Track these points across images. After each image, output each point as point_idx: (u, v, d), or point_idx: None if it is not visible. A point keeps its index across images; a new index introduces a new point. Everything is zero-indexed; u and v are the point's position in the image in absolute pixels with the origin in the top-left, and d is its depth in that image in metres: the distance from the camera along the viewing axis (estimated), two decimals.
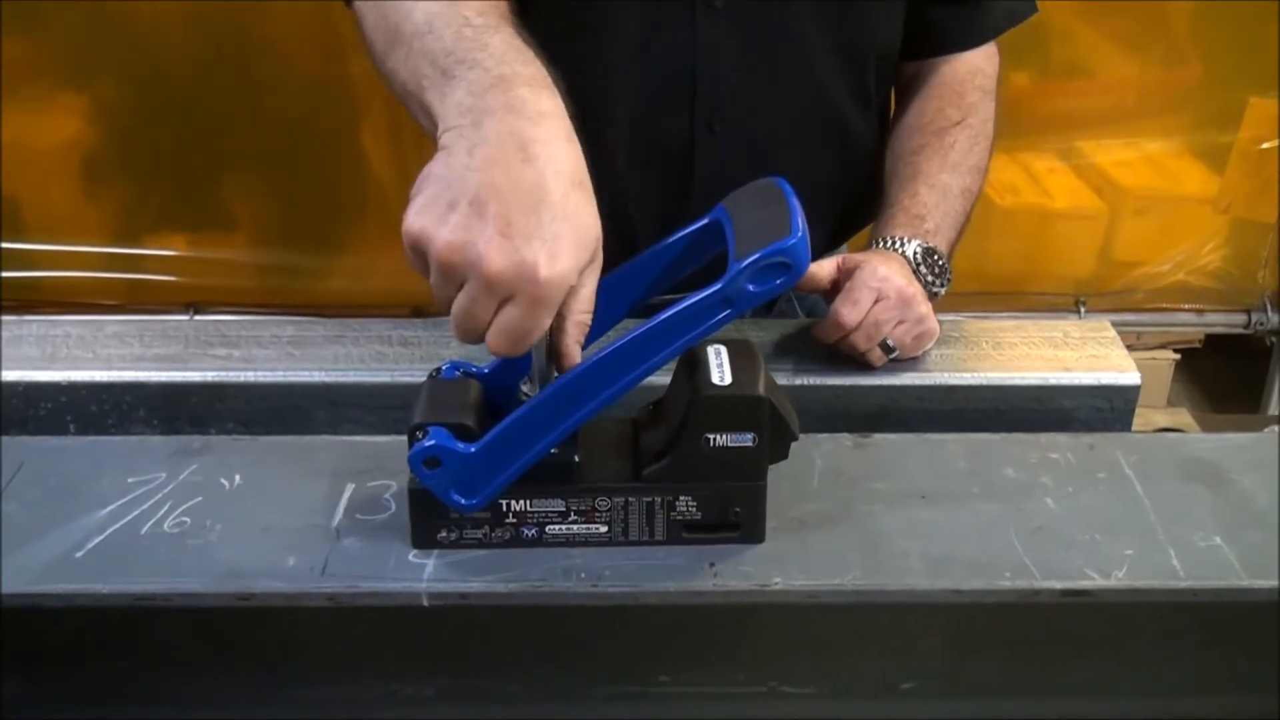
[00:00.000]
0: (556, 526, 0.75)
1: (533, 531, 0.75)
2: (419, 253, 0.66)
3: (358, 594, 0.72)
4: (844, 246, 1.34)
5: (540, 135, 0.66)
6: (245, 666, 0.77)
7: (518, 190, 0.63)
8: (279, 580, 0.72)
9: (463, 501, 0.73)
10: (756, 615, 0.75)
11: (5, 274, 2.17)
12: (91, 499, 0.79)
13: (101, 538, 0.76)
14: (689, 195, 0.83)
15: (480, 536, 0.75)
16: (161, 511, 0.78)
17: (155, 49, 2.04)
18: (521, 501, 0.75)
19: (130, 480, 0.81)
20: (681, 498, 0.75)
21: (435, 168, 0.67)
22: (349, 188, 2.19)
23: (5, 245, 2.16)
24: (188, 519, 0.78)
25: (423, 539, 0.75)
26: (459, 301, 0.65)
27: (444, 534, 0.75)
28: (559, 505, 0.75)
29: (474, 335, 0.66)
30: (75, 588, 0.72)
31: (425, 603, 0.72)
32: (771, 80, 1.15)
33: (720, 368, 0.73)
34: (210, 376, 0.99)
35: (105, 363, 1.00)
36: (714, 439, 0.73)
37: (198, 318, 2.20)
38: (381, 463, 0.83)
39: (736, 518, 0.75)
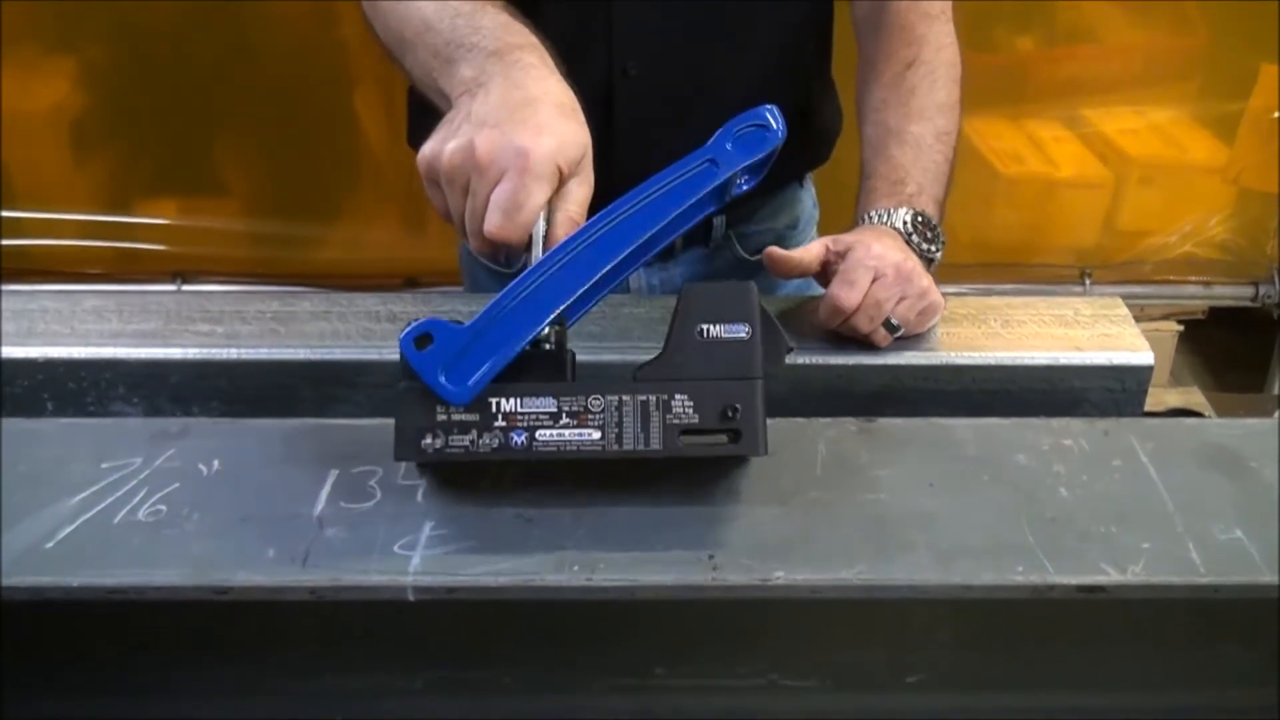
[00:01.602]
0: (547, 432, 0.72)
1: (522, 438, 0.72)
2: (431, 177, 0.76)
3: (340, 588, 0.69)
4: (809, 179, 1.33)
5: (531, 77, 0.78)
6: (227, 657, 0.75)
7: (508, 105, 0.75)
8: (258, 573, 0.70)
9: (451, 388, 0.70)
10: (757, 606, 0.72)
11: None
12: (63, 485, 0.76)
13: (73, 527, 0.73)
14: (611, 145, 0.84)
15: (467, 443, 0.72)
16: (136, 499, 0.75)
17: (145, 11, 2.01)
18: (512, 400, 0.72)
19: (104, 465, 0.78)
20: (678, 396, 0.72)
21: (447, 116, 0.78)
22: (342, 155, 2.18)
23: None
24: (164, 507, 0.75)
25: (407, 446, 0.72)
26: (468, 203, 0.74)
27: (429, 439, 0.72)
28: (550, 405, 0.72)
29: (482, 235, 0.74)
30: (44, 580, 0.69)
31: (411, 597, 0.69)
32: (689, 23, 1.12)
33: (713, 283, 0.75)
34: (192, 354, 0.96)
35: (83, 339, 0.97)
36: (707, 329, 0.72)
37: (181, 289, 2.17)
38: (367, 447, 0.79)
39: (735, 418, 0.72)
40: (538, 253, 0.73)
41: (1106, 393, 0.96)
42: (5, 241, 2.16)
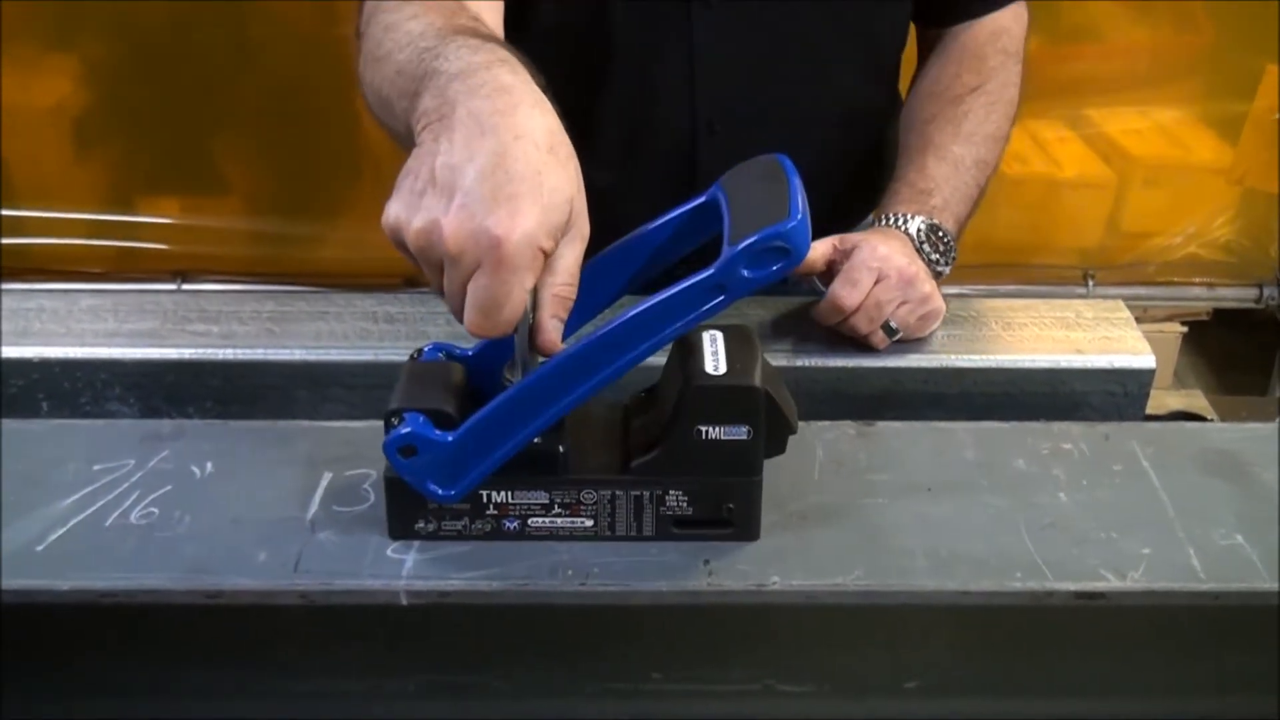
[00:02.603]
0: (540, 519, 0.72)
1: (515, 524, 0.72)
2: (399, 245, 0.65)
3: (332, 592, 0.69)
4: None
5: (499, 107, 0.64)
6: (220, 660, 0.74)
7: (475, 162, 0.62)
8: (249, 577, 0.69)
9: (440, 492, 0.70)
10: (753, 611, 0.72)
11: None
12: (55, 487, 0.76)
13: (64, 530, 0.72)
14: (691, 196, 0.81)
15: (460, 528, 0.72)
16: (128, 501, 0.75)
17: (146, 10, 2.01)
18: (503, 493, 0.71)
19: (96, 468, 0.77)
20: (671, 492, 0.71)
21: (409, 162, 0.66)
22: (343, 154, 2.17)
23: None
24: (156, 509, 0.74)
25: (400, 529, 0.72)
26: (445, 286, 0.64)
27: (422, 524, 0.72)
28: (542, 497, 0.72)
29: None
30: (34, 584, 0.68)
31: (404, 601, 0.69)
32: (773, 74, 1.11)
33: (715, 355, 0.70)
34: (187, 354, 0.96)
35: (79, 338, 0.97)
36: (706, 431, 0.69)
37: (180, 288, 2.17)
38: (361, 450, 0.79)
39: (729, 514, 0.72)
40: (523, 337, 0.67)
41: (1108, 396, 0.95)
42: (6, 240, 2.16)
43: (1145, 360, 0.96)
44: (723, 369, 0.69)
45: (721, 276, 0.63)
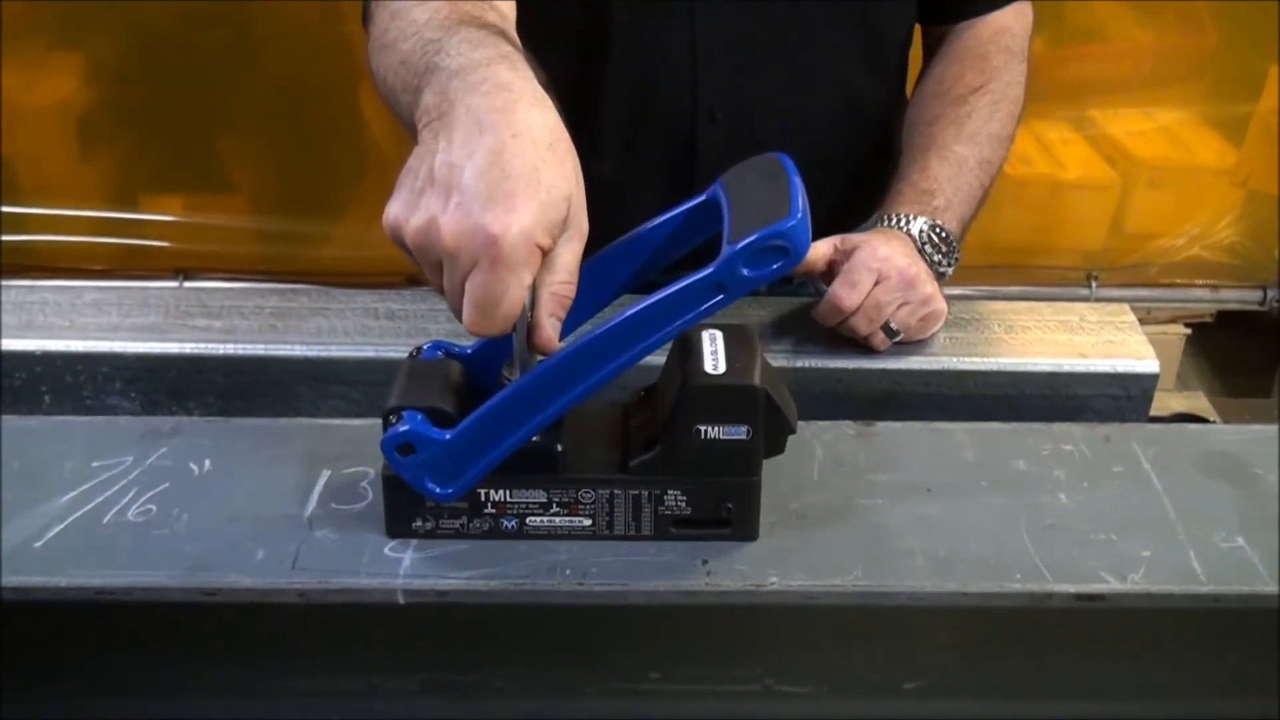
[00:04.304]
0: (538, 519, 0.72)
1: (512, 523, 0.72)
2: (399, 244, 0.65)
3: (329, 590, 0.68)
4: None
5: (498, 104, 0.64)
6: (217, 658, 0.74)
7: (472, 160, 0.62)
8: (247, 574, 0.69)
9: (438, 490, 0.69)
10: (752, 610, 0.71)
11: None
12: (54, 484, 0.76)
13: (62, 526, 0.72)
14: (693, 187, 0.81)
15: (457, 527, 0.72)
16: (126, 498, 0.75)
17: (151, 8, 2.01)
18: (501, 491, 0.71)
19: (95, 464, 0.77)
20: (670, 492, 0.71)
21: (410, 160, 0.66)
22: (347, 152, 2.17)
23: None
24: (154, 507, 0.74)
25: (398, 527, 0.72)
26: (444, 284, 0.64)
27: (419, 523, 0.72)
28: (540, 496, 0.71)
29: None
30: (32, 580, 0.68)
31: (401, 600, 0.69)
32: (774, 62, 1.11)
33: (714, 355, 0.69)
34: (189, 349, 0.96)
35: (82, 332, 0.97)
36: (705, 431, 0.69)
37: (182, 284, 2.17)
38: (359, 447, 0.79)
39: (728, 514, 0.71)
40: (522, 335, 0.66)
41: (1110, 400, 0.95)
42: (10, 237, 2.16)
43: (1149, 364, 0.95)
44: (722, 368, 0.69)
45: (721, 275, 0.63)
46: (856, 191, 1.21)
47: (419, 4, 0.81)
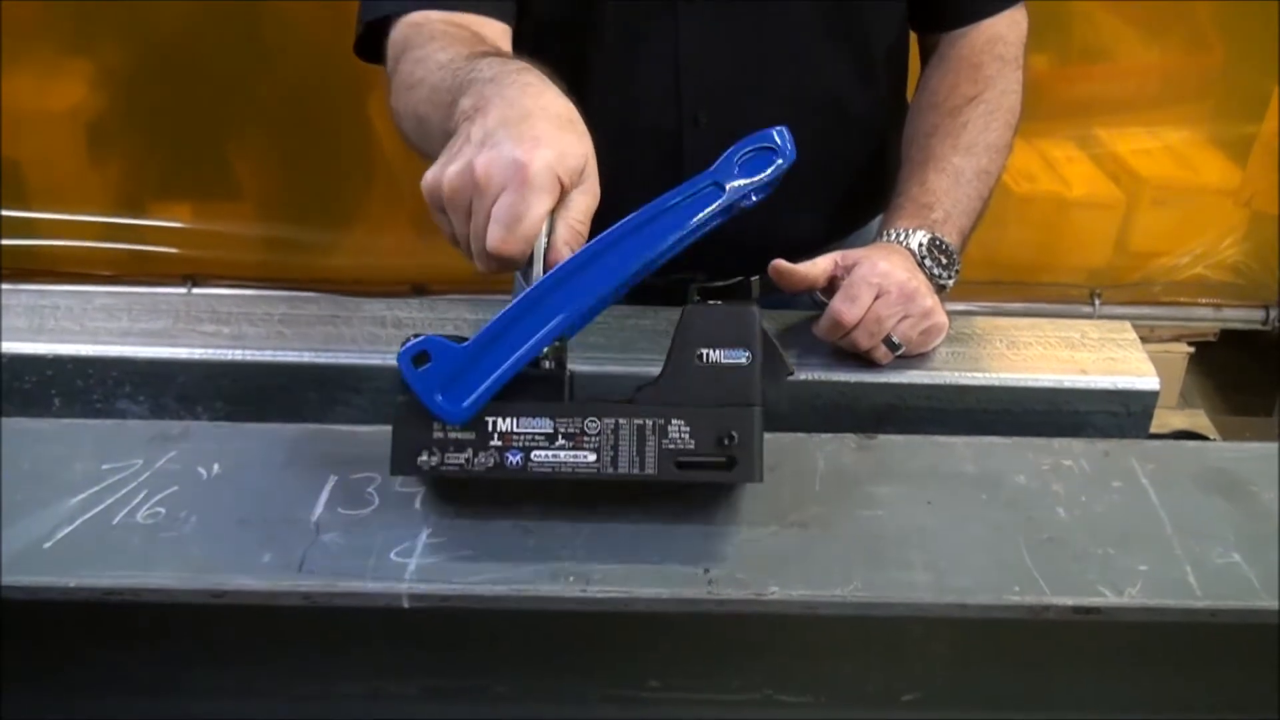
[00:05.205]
0: (543, 452, 0.72)
1: (518, 458, 0.72)
2: (435, 203, 0.74)
3: (335, 593, 0.69)
4: (879, 219, 1.31)
5: (529, 93, 0.76)
6: (223, 660, 0.75)
7: (505, 120, 0.73)
8: (253, 577, 0.70)
9: (448, 407, 0.70)
10: (753, 620, 0.72)
11: (5, 241, 2.15)
12: (64, 486, 0.76)
13: (72, 527, 0.73)
14: None
15: (463, 461, 0.72)
16: (136, 500, 0.75)
17: (161, 15, 2.01)
18: (508, 420, 0.72)
19: (105, 467, 0.78)
20: (674, 422, 0.72)
21: (447, 145, 0.76)
22: (355, 160, 2.18)
23: (6, 213, 2.14)
24: (162, 509, 0.75)
25: (403, 461, 0.72)
26: (471, 224, 0.72)
27: (425, 456, 0.72)
28: (546, 426, 0.72)
29: (485, 254, 0.72)
30: (41, 580, 0.69)
31: (406, 604, 0.69)
32: (759, 68, 1.12)
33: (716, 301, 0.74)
34: (198, 354, 0.97)
35: (92, 336, 0.98)
36: (706, 354, 0.72)
37: (191, 291, 2.18)
38: (367, 453, 0.79)
39: (731, 445, 0.72)
40: (539, 267, 0.72)
41: (1110, 416, 0.95)
42: (18, 241, 2.17)
43: (1149, 382, 0.96)
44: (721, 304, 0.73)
45: (718, 175, 0.72)
46: (850, 197, 1.22)
47: (442, 50, 0.91)
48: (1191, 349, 2.37)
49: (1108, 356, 0.98)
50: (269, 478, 0.78)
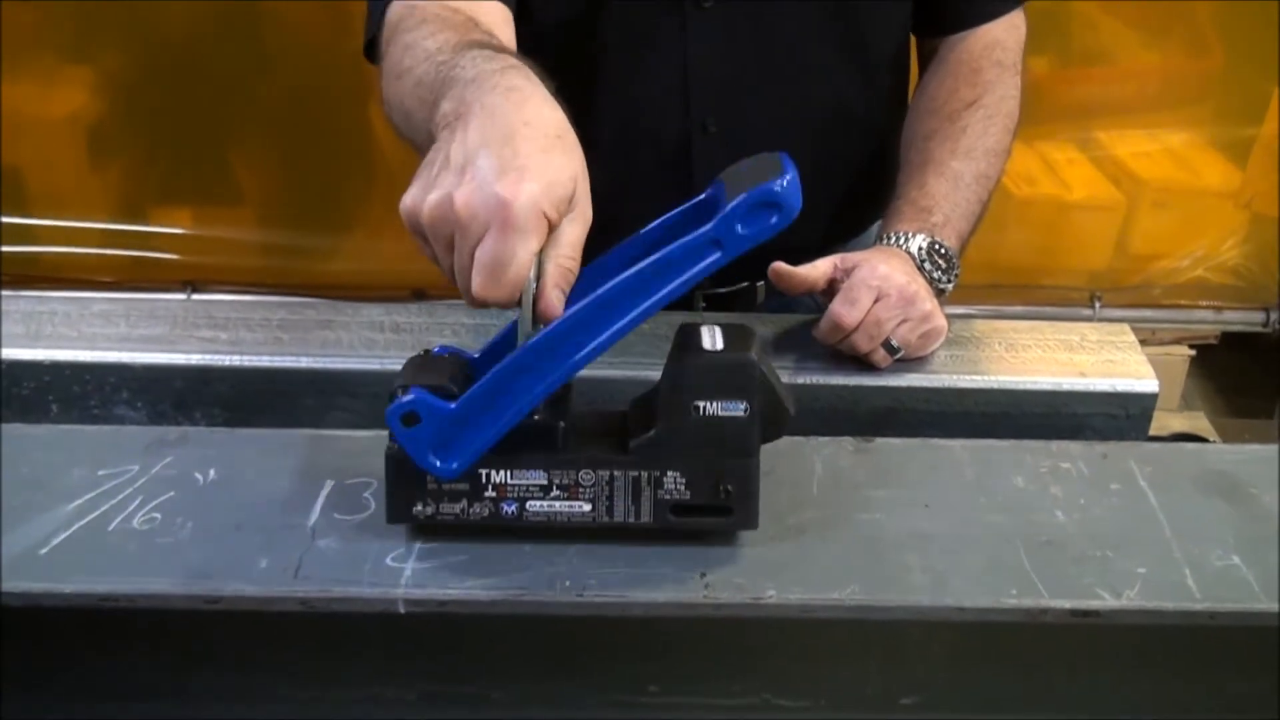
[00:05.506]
0: (538, 503, 0.72)
1: (513, 508, 0.72)
2: (415, 229, 0.69)
3: (331, 599, 0.69)
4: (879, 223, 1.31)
5: (511, 100, 0.70)
6: (220, 666, 0.74)
7: (486, 145, 0.67)
8: (250, 583, 0.70)
9: (440, 465, 0.70)
10: (750, 624, 0.72)
11: (5, 249, 2.15)
12: (60, 492, 0.76)
13: (68, 534, 0.73)
14: (688, 198, 0.83)
15: (458, 511, 0.72)
16: (132, 506, 0.75)
17: (162, 21, 2.02)
18: (502, 473, 0.71)
19: (101, 473, 0.78)
20: (669, 473, 0.71)
21: (427, 155, 0.70)
22: (356, 166, 2.18)
23: (6, 220, 2.14)
24: (158, 515, 0.75)
25: (398, 511, 0.72)
26: (455, 260, 0.67)
27: (420, 507, 0.72)
28: (540, 478, 0.72)
29: (470, 295, 0.68)
30: (37, 587, 0.69)
31: (402, 609, 0.69)
32: (767, 76, 1.12)
33: (712, 340, 0.71)
34: (195, 359, 0.97)
35: (90, 342, 0.98)
36: (703, 406, 0.69)
37: (190, 297, 2.18)
38: (363, 458, 0.79)
39: (727, 497, 0.71)
40: (528, 310, 0.68)
41: (1109, 419, 0.95)
42: (19, 248, 2.17)
43: (1148, 384, 0.96)
44: (720, 348, 0.70)
45: (718, 232, 0.66)
46: (852, 200, 1.22)
47: (430, 36, 0.86)
48: (1192, 352, 2.37)
49: (1106, 359, 0.98)
50: (265, 483, 0.78)
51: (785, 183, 0.66)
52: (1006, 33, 1.17)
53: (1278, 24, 2.02)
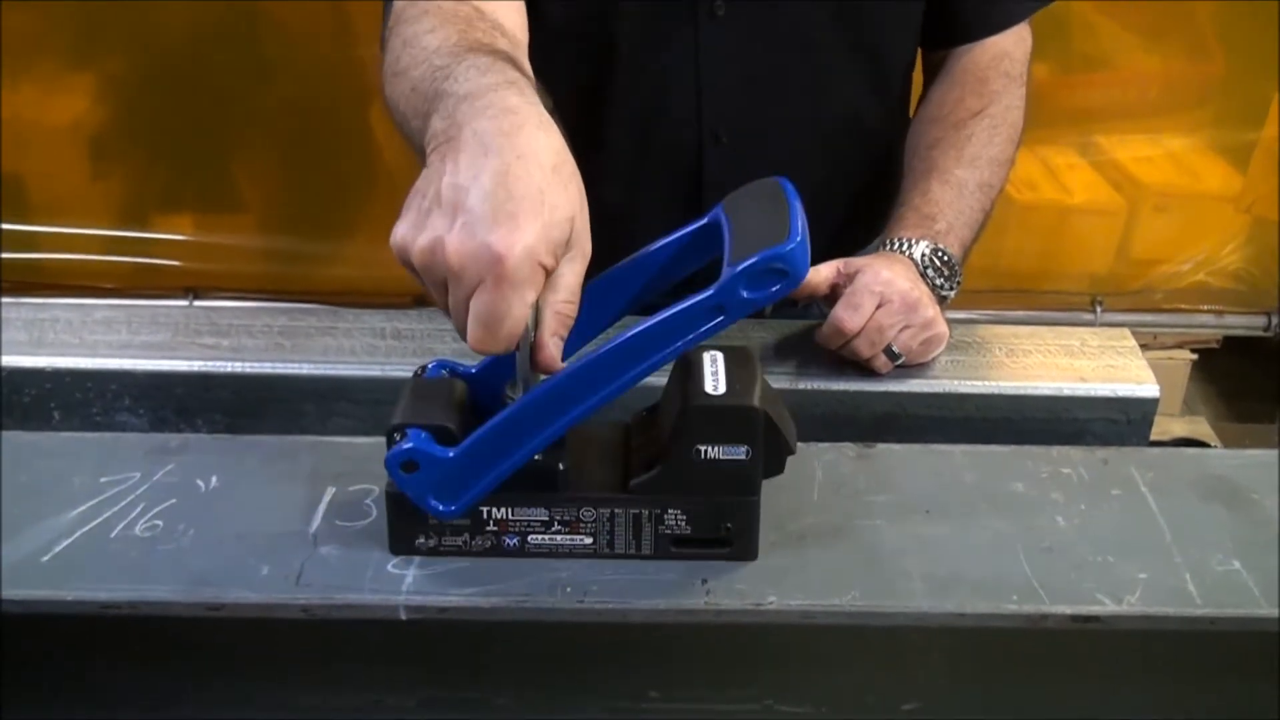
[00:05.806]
0: (539, 537, 0.73)
1: (514, 541, 0.73)
2: (405, 264, 0.66)
3: (333, 606, 0.69)
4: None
5: (504, 127, 0.65)
6: (221, 673, 0.75)
7: (478, 181, 0.63)
8: (251, 590, 0.70)
9: (441, 508, 0.70)
10: (751, 630, 0.72)
11: (6, 255, 2.15)
12: (62, 499, 0.77)
13: (70, 541, 0.73)
14: (699, 209, 0.82)
15: (460, 544, 0.73)
16: (134, 514, 0.75)
17: (164, 28, 2.02)
18: (503, 510, 0.72)
19: (103, 480, 0.78)
20: (670, 511, 0.72)
21: (418, 183, 0.67)
22: (358, 172, 2.18)
23: (8, 227, 2.15)
24: (160, 522, 0.75)
25: (401, 545, 0.73)
26: (449, 303, 0.65)
27: (422, 540, 0.73)
28: (542, 515, 0.72)
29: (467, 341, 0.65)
30: (39, 594, 0.69)
31: (403, 616, 0.69)
32: (779, 86, 1.12)
33: (715, 375, 0.70)
34: (197, 366, 0.97)
35: (91, 349, 0.98)
36: (705, 451, 0.69)
37: (192, 304, 2.18)
38: (364, 465, 0.80)
39: (728, 534, 0.72)
40: (525, 355, 0.67)
41: (1110, 424, 0.95)
42: (21, 255, 2.17)
43: (1148, 389, 0.96)
44: (722, 389, 0.69)
45: (721, 297, 0.64)
46: (860, 212, 1.22)
47: (430, 32, 0.83)
48: (1194, 356, 2.37)
49: (1107, 364, 0.98)
50: (267, 490, 0.78)
51: (792, 246, 0.63)
52: (1014, 44, 1.17)
53: (1278, 28, 2.02)
